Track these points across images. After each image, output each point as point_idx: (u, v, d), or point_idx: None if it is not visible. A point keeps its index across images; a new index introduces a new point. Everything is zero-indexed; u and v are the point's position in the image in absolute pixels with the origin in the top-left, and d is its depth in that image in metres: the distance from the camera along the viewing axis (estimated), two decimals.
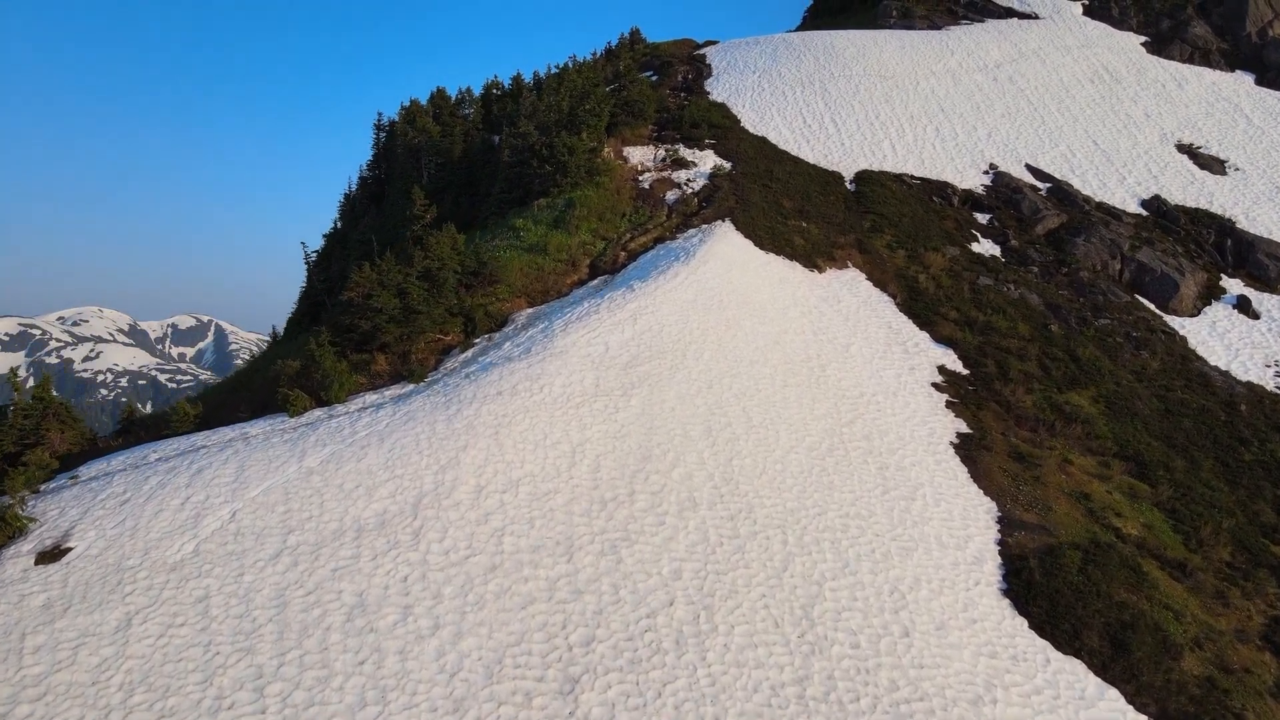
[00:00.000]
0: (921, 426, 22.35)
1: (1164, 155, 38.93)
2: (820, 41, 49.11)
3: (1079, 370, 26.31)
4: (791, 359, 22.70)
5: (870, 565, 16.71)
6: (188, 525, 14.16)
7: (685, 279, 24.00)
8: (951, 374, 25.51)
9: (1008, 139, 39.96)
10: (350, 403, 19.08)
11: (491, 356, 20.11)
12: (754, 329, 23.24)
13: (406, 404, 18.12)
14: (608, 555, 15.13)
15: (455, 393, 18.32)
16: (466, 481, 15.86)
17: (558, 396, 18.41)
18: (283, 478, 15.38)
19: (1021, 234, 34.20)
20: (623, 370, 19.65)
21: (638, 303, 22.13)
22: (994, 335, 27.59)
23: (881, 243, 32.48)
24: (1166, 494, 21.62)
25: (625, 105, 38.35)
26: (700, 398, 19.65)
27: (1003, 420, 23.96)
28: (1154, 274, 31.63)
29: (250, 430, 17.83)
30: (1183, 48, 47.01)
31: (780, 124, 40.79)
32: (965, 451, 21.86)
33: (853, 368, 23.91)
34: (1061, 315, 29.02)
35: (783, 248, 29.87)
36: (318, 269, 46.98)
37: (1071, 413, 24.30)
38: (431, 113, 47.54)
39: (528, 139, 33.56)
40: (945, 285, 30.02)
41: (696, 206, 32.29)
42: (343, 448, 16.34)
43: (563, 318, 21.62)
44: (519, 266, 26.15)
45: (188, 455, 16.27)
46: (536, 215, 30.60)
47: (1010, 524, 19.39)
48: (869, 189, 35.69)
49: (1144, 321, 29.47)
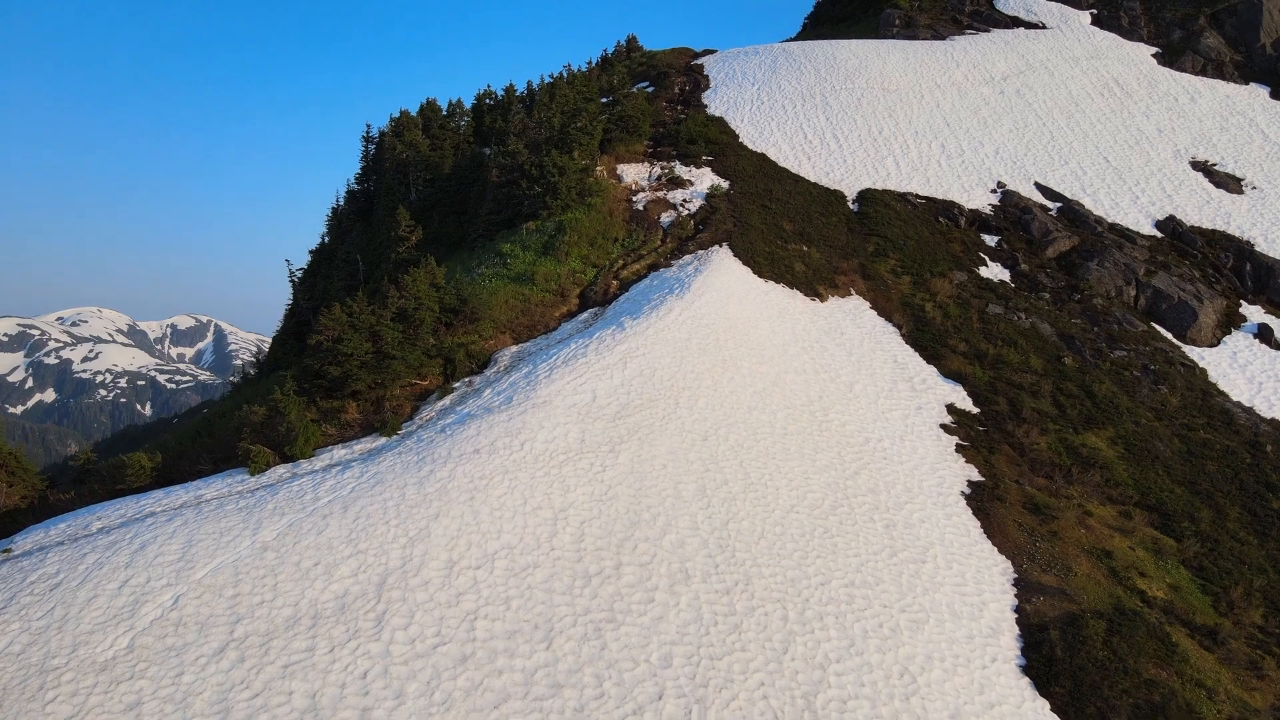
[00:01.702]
0: (930, 475, 20.98)
1: (1178, 173, 37.56)
2: (821, 52, 47.74)
3: (1095, 408, 24.94)
4: (792, 403, 21.32)
5: (878, 642, 15.33)
6: (124, 614, 12.77)
7: (679, 315, 22.62)
8: (961, 413, 24.15)
9: (1016, 155, 38.59)
10: (317, 458, 17.69)
11: (470, 406, 18.72)
12: (752, 369, 21.86)
13: (376, 462, 16.73)
14: (591, 640, 13.75)
15: (429, 450, 16.93)
16: (437, 556, 14.48)
17: (540, 454, 17.02)
18: (233, 555, 13.98)
19: (1031, 257, 32.83)
20: (611, 422, 18.26)
21: (628, 344, 20.75)
22: (1005, 369, 26.23)
23: (886, 268, 31.11)
24: (1193, 549, 20.25)
25: (619, 121, 36.99)
26: (694, 452, 18.27)
27: (1016, 465, 22.59)
28: (1171, 301, 30.26)
29: (205, 492, 16.44)
30: (1195, 59, 45.65)
31: (780, 139, 39.42)
32: (977, 503, 20.49)
33: (857, 409, 22.53)
34: (1075, 347, 27.65)
35: (783, 275, 28.50)
36: (303, 286, 45.64)
37: (1089, 456, 22.93)
38: (421, 124, 46.19)
39: (517, 158, 32.20)
40: (953, 314, 28.64)
41: (692, 230, 30.92)
42: (302, 518, 14.95)
43: (548, 361, 20.24)
44: (504, 299, 24.77)
45: (132, 526, 14.88)
46: (525, 240, 29.22)
47: (1028, 587, 18.02)
48: (872, 209, 34.33)
49: (1162, 353, 28.11)
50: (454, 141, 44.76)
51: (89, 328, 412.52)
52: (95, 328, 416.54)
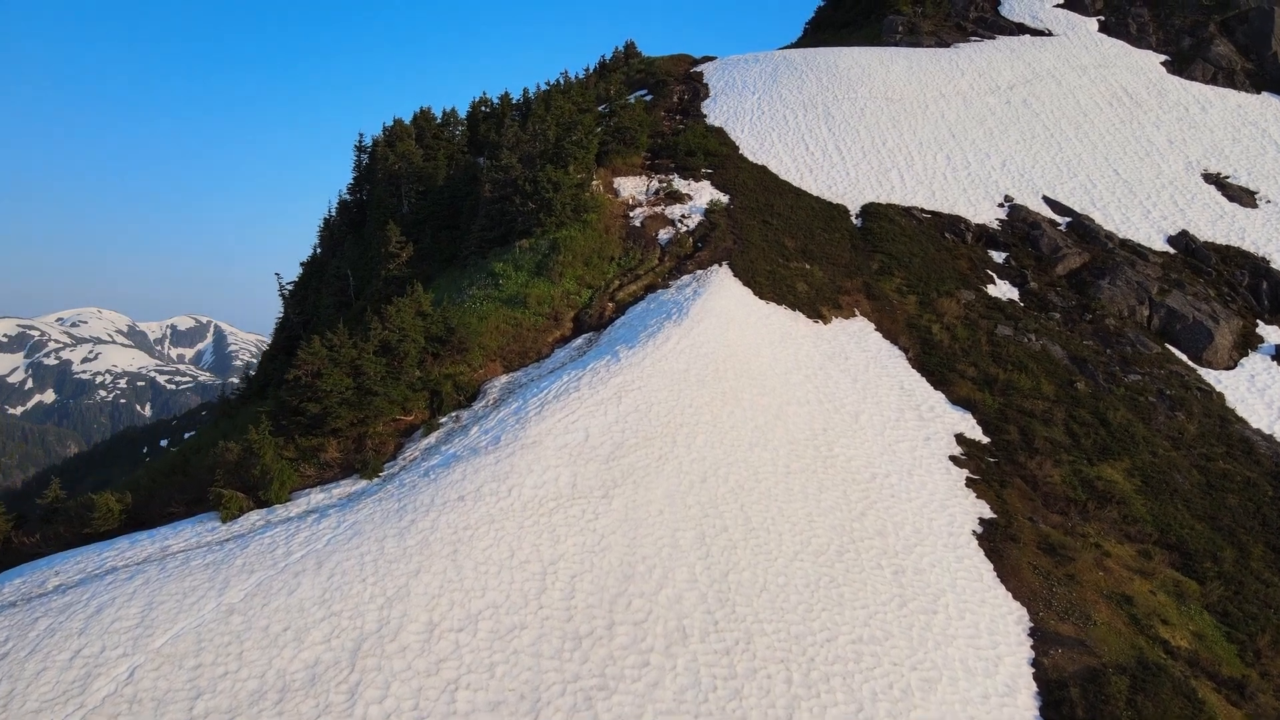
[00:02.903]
0: (940, 513, 20.01)
1: (1190, 186, 36.59)
2: (823, 60, 46.76)
3: (1110, 438, 23.96)
4: (795, 437, 20.35)
5: (888, 706, 14.36)
6: (74, 690, 11.80)
7: (677, 344, 21.65)
8: (971, 444, 23.17)
9: (1023, 167, 37.61)
10: (293, 502, 16.73)
11: (456, 445, 17.75)
12: (754, 402, 20.89)
13: (354, 510, 15.76)
14: (581, 711, 12.79)
15: (411, 497, 15.96)
16: (417, 618, 13.51)
17: (528, 501, 16.05)
18: (196, 619, 13.01)
19: (1041, 275, 31.86)
20: (604, 464, 17.29)
21: (623, 376, 19.77)
22: (1016, 396, 25.25)
23: (891, 286, 30.14)
24: (1216, 592, 19.27)
25: (616, 132, 36.02)
26: (692, 495, 17.30)
27: (1029, 500, 21.62)
28: (1185, 321, 29.28)
29: (172, 542, 15.47)
30: (1205, 68, 44.67)
31: (781, 151, 38.45)
32: (990, 543, 19.52)
33: (863, 442, 21.56)
34: (1088, 371, 26.68)
35: (785, 296, 27.53)
36: (294, 300, 44.68)
37: (1105, 490, 21.96)
38: (415, 134, 45.24)
39: (510, 172, 31.23)
40: (961, 337, 27.67)
41: (691, 247, 29.95)
42: (273, 575, 13.98)
43: (538, 395, 19.26)
44: (495, 324, 23.81)
45: (91, 585, 13.91)
46: (518, 259, 28.25)
47: (1045, 638, 17.04)
48: (876, 225, 33.36)
49: (1177, 377, 27.13)
50: (448, 151, 43.81)
51: (89, 328, 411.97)
52: (95, 328, 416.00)
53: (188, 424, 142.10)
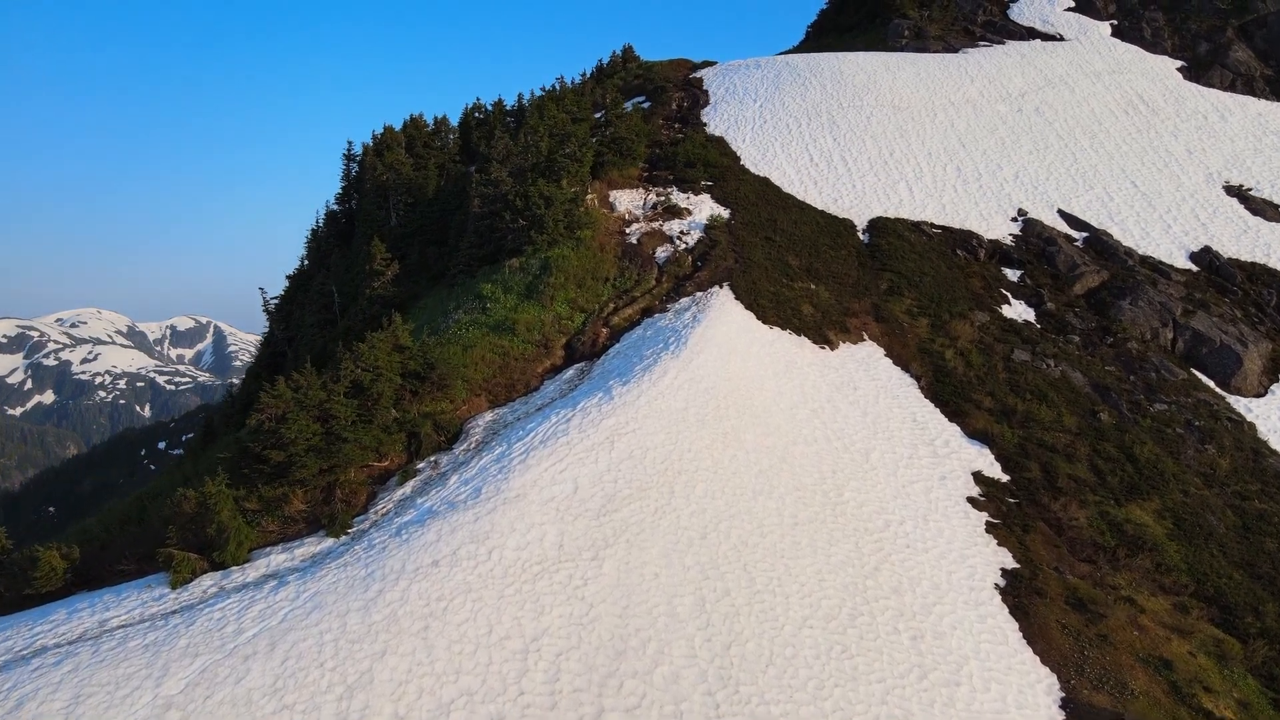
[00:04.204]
0: (960, 565, 18.48)
1: (1211, 198, 35.06)
2: (827, 66, 45.23)
3: (1138, 475, 22.44)
4: (802, 483, 18.82)
5: None
6: None
7: (675, 378, 20.11)
8: (989, 482, 21.65)
9: (1037, 179, 36.08)
10: (251, 563, 15.19)
11: (433, 498, 16.22)
12: (757, 443, 19.36)
13: (316, 578, 14.22)
14: None
15: (379, 561, 14.43)
16: (381, 710, 11.97)
17: (510, 565, 14.52)
18: (127, 717, 11.47)
19: (1058, 294, 30.33)
20: (595, 519, 15.76)
21: (616, 418, 18.23)
22: (1036, 428, 23.73)
23: (901, 308, 28.60)
24: (1261, 653, 17.73)
25: (612, 143, 34.49)
26: (691, 554, 15.76)
27: (1054, 547, 20.09)
28: (1212, 345, 27.76)
29: (112, 615, 13.93)
30: (1223, 74, 43.13)
31: (784, 162, 36.92)
32: (1015, 598, 17.98)
33: (874, 484, 20.03)
34: (1111, 400, 25.15)
35: (789, 319, 26.01)
36: (279, 316, 43.15)
37: (1136, 535, 20.43)
38: (404, 142, 43.73)
39: (500, 186, 29.72)
40: (976, 363, 26.14)
41: (690, 267, 28.43)
42: (219, 659, 12.44)
43: (524, 439, 17.73)
44: (481, 354, 22.28)
45: (14, 671, 12.37)
46: (507, 280, 26.73)
47: (1079, 711, 15.50)
48: (884, 241, 31.83)
49: (1206, 405, 25.60)
50: (439, 161, 42.28)
51: (88, 329, 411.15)
52: (94, 329, 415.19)
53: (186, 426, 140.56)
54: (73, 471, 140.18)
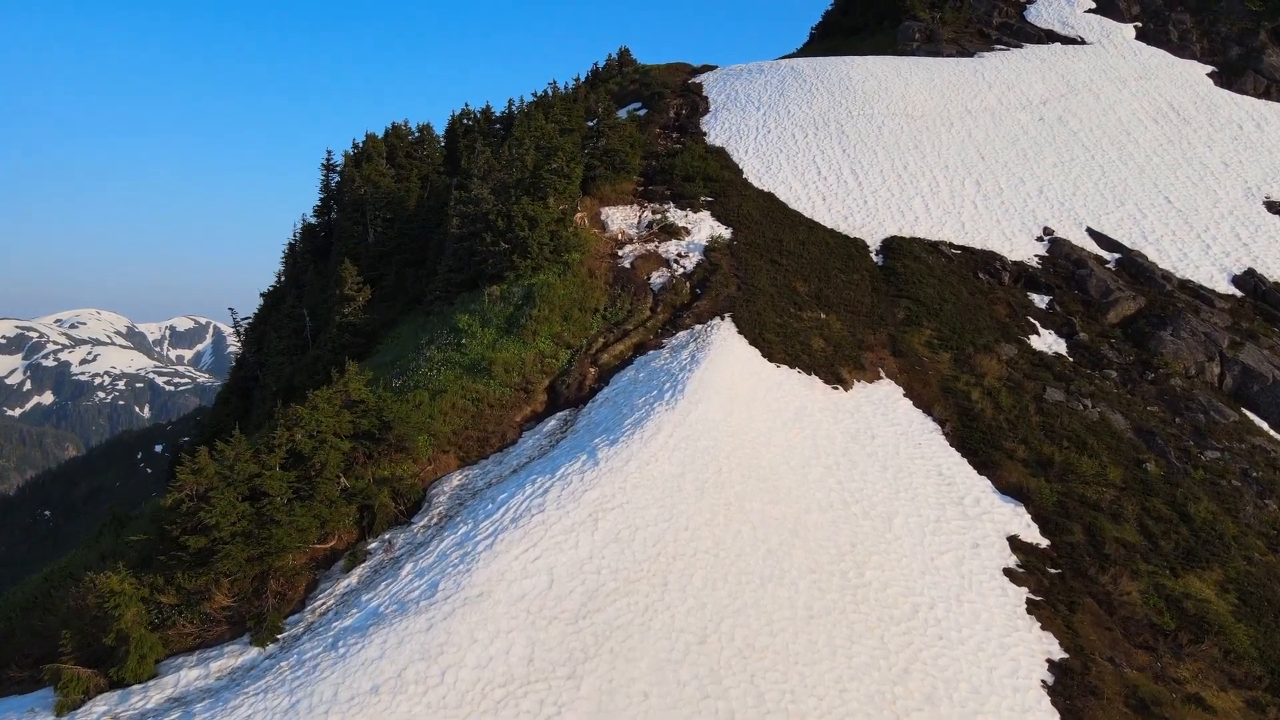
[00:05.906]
0: (1001, 657, 15.87)
1: (1252, 215, 32.48)
2: (834, 71, 42.65)
3: (1194, 538, 19.84)
4: (817, 562, 16.22)
5: None
6: None
7: (669, 436, 17.52)
8: (1028, 549, 19.06)
9: (1063, 195, 33.50)
10: (156, 681, 12.62)
11: (380, 594, 13.64)
12: (764, 513, 16.77)
13: (229, 708, 11.64)
14: None
15: (308, 687, 11.83)
16: None
17: (467, 690, 11.93)
18: None
19: (1091, 323, 27.74)
20: (572, 624, 13.17)
21: (601, 488, 15.65)
22: (1075, 481, 21.13)
23: (920, 340, 26.02)
24: None
25: (604, 156, 31.93)
26: (687, 666, 13.17)
27: (1106, 629, 17.48)
28: (1264, 382, 25.17)
29: None
30: (1257, 80, 40.55)
31: (790, 176, 34.35)
32: (1066, 700, 15.37)
33: (899, 557, 17.44)
34: (1158, 446, 22.56)
35: (798, 355, 23.44)
36: (252, 337, 40.62)
37: (1198, 614, 17.82)
38: (386, 152, 41.19)
39: (480, 205, 27.16)
40: (1005, 404, 23.56)
41: (688, 295, 25.87)
42: None
43: (493, 514, 15.15)
44: (452, 400, 19.73)
45: None
46: (486, 311, 24.18)
47: None
48: (900, 263, 29.25)
49: (1262, 452, 23.01)
50: (421, 172, 39.79)
51: (87, 329, 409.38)
52: (94, 329, 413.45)
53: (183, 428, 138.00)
54: (69, 474, 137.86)
